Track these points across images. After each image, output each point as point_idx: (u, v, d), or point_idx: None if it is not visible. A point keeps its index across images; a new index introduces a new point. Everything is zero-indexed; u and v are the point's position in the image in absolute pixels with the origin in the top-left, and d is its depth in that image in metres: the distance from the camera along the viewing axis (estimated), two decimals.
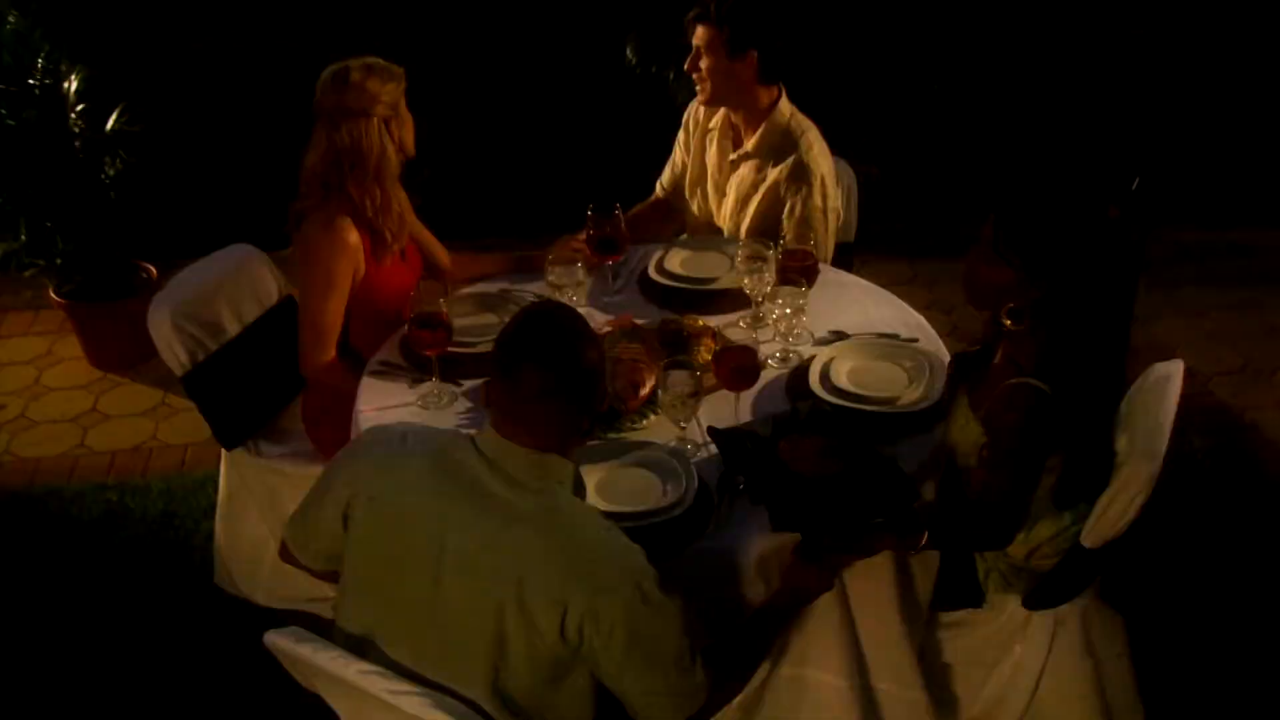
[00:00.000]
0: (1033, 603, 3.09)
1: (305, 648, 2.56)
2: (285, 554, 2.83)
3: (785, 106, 4.00)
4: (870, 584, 3.06)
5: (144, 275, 5.23)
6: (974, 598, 3.20)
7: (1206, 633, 3.79)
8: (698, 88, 3.99)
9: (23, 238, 4.97)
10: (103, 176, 5.07)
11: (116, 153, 5.08)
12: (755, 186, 4.01)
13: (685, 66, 3.96)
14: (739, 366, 3.18)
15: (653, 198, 4.42)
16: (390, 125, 3.55)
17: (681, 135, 4.31)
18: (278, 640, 2.59)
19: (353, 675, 2.49)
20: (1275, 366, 4.88)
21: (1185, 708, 3.55)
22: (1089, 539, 2.96)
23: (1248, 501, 4.29)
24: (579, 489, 2.67)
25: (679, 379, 3.08)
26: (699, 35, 3.88)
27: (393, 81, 3.56)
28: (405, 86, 3.60)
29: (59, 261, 5.07)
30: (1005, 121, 6.07)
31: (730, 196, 4.12)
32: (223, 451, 3.86)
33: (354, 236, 3.53)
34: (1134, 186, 4.57)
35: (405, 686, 2.47)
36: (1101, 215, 2.88)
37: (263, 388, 3.89)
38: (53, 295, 5.12)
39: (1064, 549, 3.02)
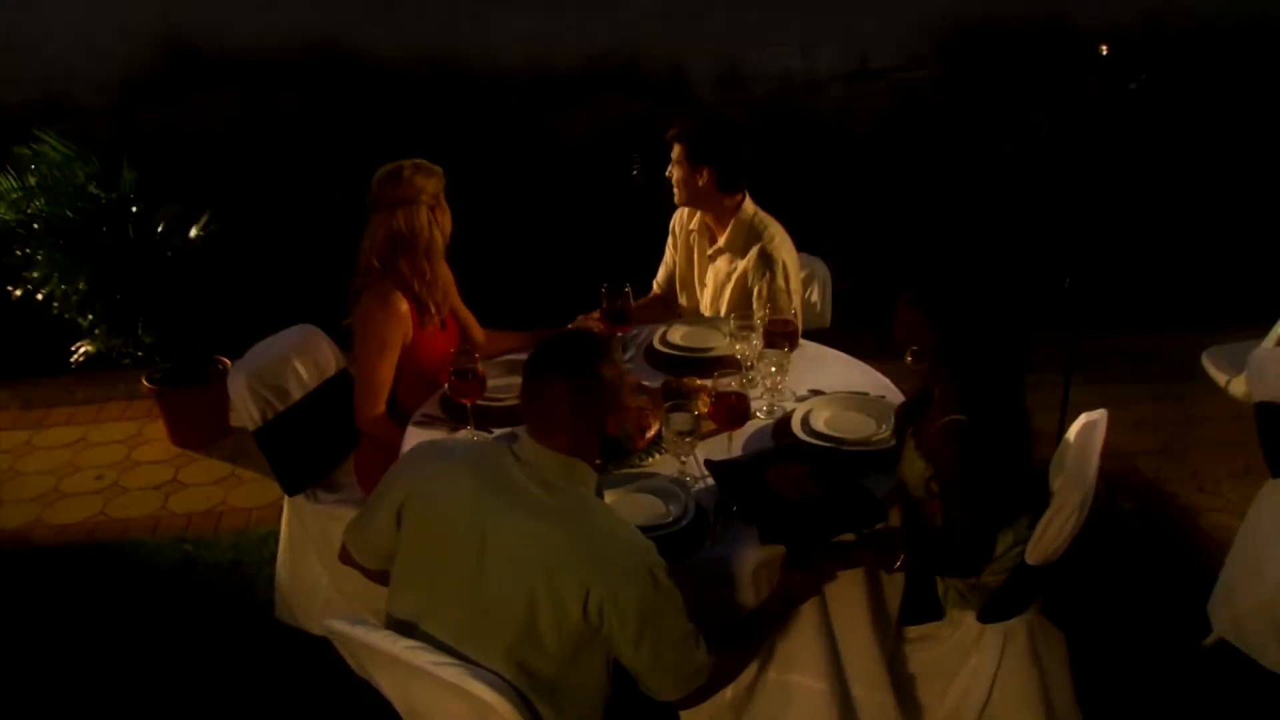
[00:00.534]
0: (986, 616, 3.09)
1: (358, 629, 2.57)
2: (345, 556, 2.85)
3: (749, 207, 4.09)
4: (847, 599, 3.08)
5: (219, 367, 5.28)
6: (935, 612, 3.21)
7: (1131, 652, 3.86)
8: (674, 191, 4.11)
9: (98, 331, 5.08)
10: (185, 281, 5.16)
11: (198, 261, 5.19)
12: (729, 276, 4.09)
13: (666, 172, 4.09)
14: (732, 406, 3.23)
15: (651, 294, 4.50)
16: (435, 213, 3.66)
17: (670, 239, 4.41)
18: (335, 625, 2.61)
19: (399, 650, 2.50)
20: (1187, 448, 4.95)
21: (1115, 713, 3.60)
22: (1032, 556, 2.97)
23: (1164, 551, 4.38)
24: (598, 493, 2.71)
25: (680, 418, 3.14)
26: (674, 149, 4.03)
27: (434, 177, 3.67)
28: (445, 184, 3.72)
29: (156, 357, 5.18)
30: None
31: (709, 286, 4.20)
32: (285, 499, 3.87)
33: (404, 307, 3.61)
34: (1066, 284, 4.68)
35: (445, 659, 2.48)
36: (994, 283, 3.00)
37: (321, 444, 3.91)
38: (144, 383, 5.18)
39: (1010, 567, 3.03)
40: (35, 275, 4.96)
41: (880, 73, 10.67)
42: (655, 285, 4.50)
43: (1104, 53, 4.66)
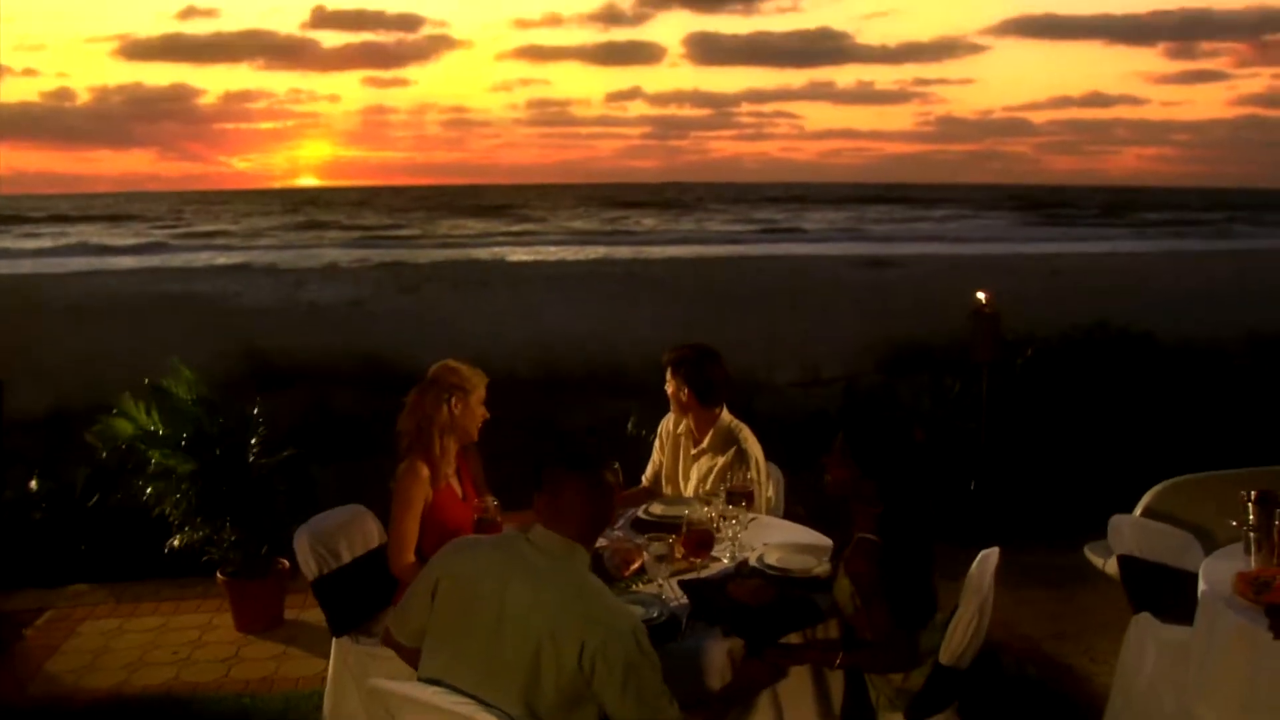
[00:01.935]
0: (912, 717, 3.15)
1: (394, 684, 2.67)
2: (387, 638, 2.92)
3: (726, 415, 4.35)
4: (797, 694, 3.15)
5: (279, 568, 5.37)
6: (869, 716, 3.27)
7: None
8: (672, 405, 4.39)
9: (188, 528, 5.25)
10: (266, 493, 5.34)
11: (280, 479, 5.40)
12: (710, 471, 4.28)
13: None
14: (699, 539, 3.40)
15: (640, 487, 4.65)
16: (454, 403, 3.81)
17: (657, 442, 4.63)
18: (377, 684, 2.70)
19: (428, 695, 2.59)
20: (1080, 631, 5.04)
21: None
22: (944, 656, 3.08)
23: (1062, 704, 4.47)
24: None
25: (658, 546, 3.30)
26: (667, 372, 4.35)
27: (475, 377, 3.88)
28: (484, 390, 3.89)
29: (231, 553, 5.29)
30: None
31: (693, 480, 4.37)
32: (333, 640, 3.89)
33: (425, 473, 3.76)
34: (972, 487, 4.90)
35: (463, 700, 2.57)
36: (909, 437, 3.22)
37: (364, 597, 3.96)
38: (218, 575, 5.27)
39: (928, 673, 3.13)
40: (150, 489, 5.19)
41: (829, 381, 11.28)
42: (644, 479, 4.67)
43: (982, 300, 5.04)
